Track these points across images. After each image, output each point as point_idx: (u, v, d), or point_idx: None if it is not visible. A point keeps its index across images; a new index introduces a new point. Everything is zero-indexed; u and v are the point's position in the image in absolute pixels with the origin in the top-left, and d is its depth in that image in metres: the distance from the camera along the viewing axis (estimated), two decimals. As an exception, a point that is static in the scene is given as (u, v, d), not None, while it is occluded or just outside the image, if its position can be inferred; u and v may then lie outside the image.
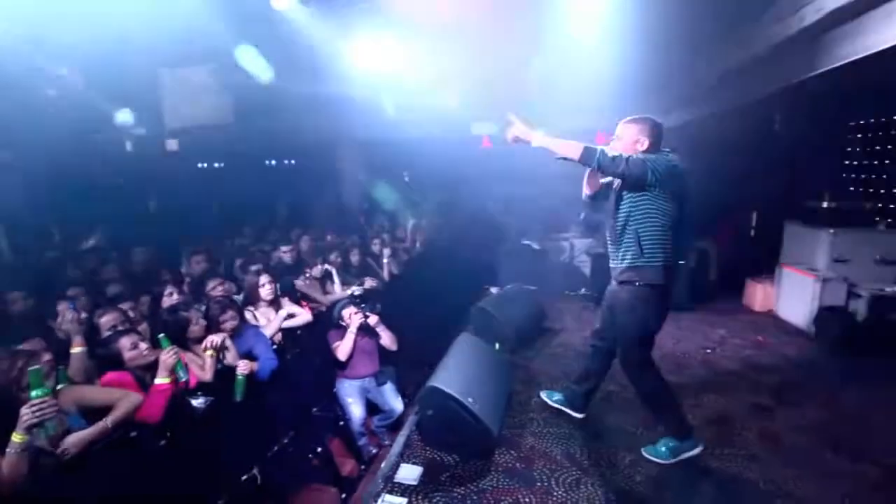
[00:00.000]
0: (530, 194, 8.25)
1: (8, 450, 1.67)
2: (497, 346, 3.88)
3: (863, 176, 6.20)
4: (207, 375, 2.60)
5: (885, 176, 5.85)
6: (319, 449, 3.51)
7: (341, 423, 3.66)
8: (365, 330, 3.61)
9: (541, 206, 7.92)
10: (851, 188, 6.09)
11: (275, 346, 3.27)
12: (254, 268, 3.67)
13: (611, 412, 2.95)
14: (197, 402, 2.45)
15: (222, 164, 11.68)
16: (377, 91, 6.66)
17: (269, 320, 3.41)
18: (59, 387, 2.07)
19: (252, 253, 4.64)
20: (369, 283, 4.55)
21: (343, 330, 3.58)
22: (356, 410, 3.60)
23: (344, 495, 3.36)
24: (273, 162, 13.02)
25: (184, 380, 2.44)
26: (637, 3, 4.04)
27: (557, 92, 6.49)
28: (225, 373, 2.73)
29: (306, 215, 7.60)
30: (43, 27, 3.89)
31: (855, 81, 3.90)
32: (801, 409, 2.99)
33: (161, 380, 2.26)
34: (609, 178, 2.54)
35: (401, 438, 2.77)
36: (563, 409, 2.89)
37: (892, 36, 2.77)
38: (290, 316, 3.54)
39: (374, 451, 3.78)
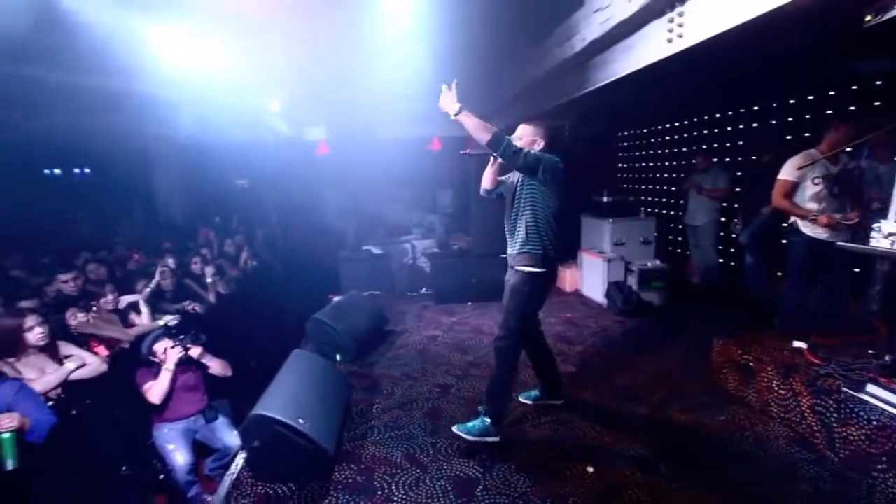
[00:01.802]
0: (369, 199, 8.32)
1: None
2: (338, 357, 3.80)
3: (628, 175, 7.86)
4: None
5: (641, 176, 7.52)
6: (132, 514, 2.98)
7: (161, 476, 3.15)
8: (186, 363, 3.17)
9: (381, 211, 8.04)
10: (623, 185, 7.66)
11: (51, 402, 2.63)
12: (23, 305, 2.90)
13: (447, 405, 3.13)
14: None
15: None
16: (196, 91, 5.90)
17: (41, 371, 2.73)
18: None
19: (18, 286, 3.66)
20: (189, 309, 4.03)
21: (155, 368, 3.08)
22: (179, 458, 3.13)
23: (172, 559, 2.93)
24: (57, 171, 10.60)
25: None
26: (451, 18, 4.33)
27: (391, 100, 6.66)
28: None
29: (107, 234, 6.32)
30: None
31: (616, 101, 4.86)
32: (600, 369, 3.61)
33: None
34: (505, 176, 2.78)
35: (227, 481, 2.50)
36: (544, 402, 3.03)
37: (628, 66, 3.52)
38: (81, 366, 2.90)
39: (210, 498, 3.35)
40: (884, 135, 2.99)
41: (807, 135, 4.47)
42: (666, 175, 6.87)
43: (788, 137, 4.77)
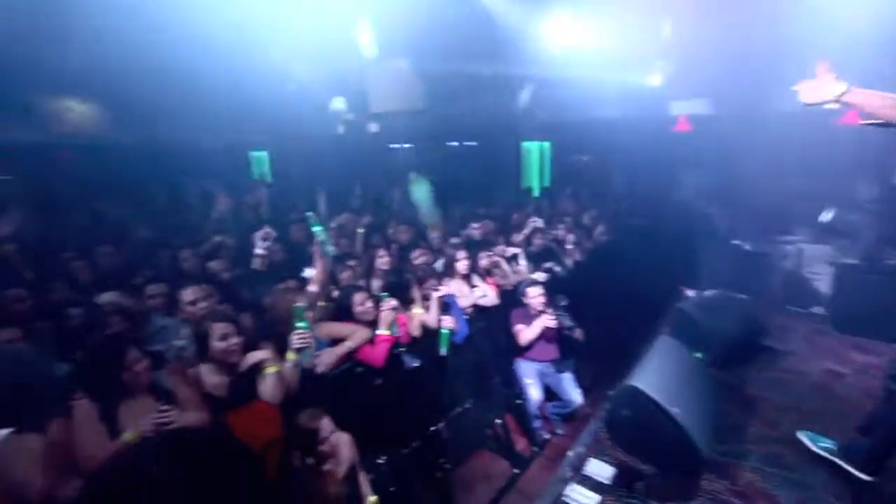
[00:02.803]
0: (741, 186, 6.98)
1: (286, 364, 2.14)
2: (698, 355, 3.42)
3: None
4: (417, 332, 2.91)
5: None
6: (498, 421, 3.68)
7: (518, 401, 3.74)
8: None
9: (756, 201, 6.63)
10: None
11: (466, 317, 3.46)
12: (453, 241, 3.92)
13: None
14: (407, 360, 2.76)
15: (411, 145, 12.78)
16: (570, 71, 6.38)
17: (460, 293, 3.62)
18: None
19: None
20: (556, 268, 4.48)
21: (525, 309, 3.60)
22: (534, 392, 3.60)
23: (517, 470, 3.47)
24: (455, 143, 13.75)
25: (396, 335, 2.77)
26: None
27: (798, 63, 5.26)
28: (429, 335, 3.03)
29: (489, 196, 7.83)
30: (277, 28, 4.56)
31: None
32: None
33: (383, 331, 2.61)
34: None
35: (588, 431, 2.67)
36: (836, 460, 2.26)
37: None
38: (483, 296, 3.73)
39: (547, 436, 3.76)
40: None
41: None
42: None
43: None
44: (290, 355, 2.13)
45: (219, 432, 1.98)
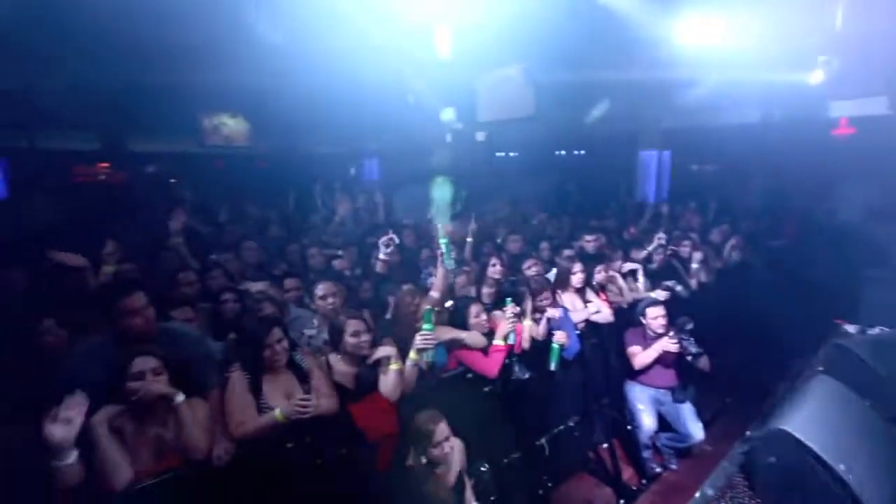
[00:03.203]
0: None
1: (407, 363, 2.23)
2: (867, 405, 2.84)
3: None
4: (527, 344, 2.86)
5: None
6: (604, 445, 3.47)
7: (629, 427, 3.47)
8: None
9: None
10: None
11: (577, 332, 3.31)
12: (567, 253, 3.79)
13: None
14: (518, 371, 2.71)
15: (517, 154, 12.67)
16: (702, 72, 5.81)
17: (573, 307, 3.47)
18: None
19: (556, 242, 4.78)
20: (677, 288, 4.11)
21: (642, 330, 3.34)
22: (647, 420, 3.33)
23: (622, 501, 3.22)
24: (563, 152, 13.34)
25: (511, 343, 2.73)
26: None
27: None
28: (538, 348, 2.94)
29: (597, 208, 7.44)
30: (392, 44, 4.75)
31: None
32: None
33: (498, 342, 2.59)
34: None
35: (719, 473, 2.36)
36: None
37: None
38: (596, 312, 3.55)
39: (658, 470, 3.45)
40: None
41: None
42: None
43: None
44: (412, 355, 2.21)
45: (343, 419, 2.13)
